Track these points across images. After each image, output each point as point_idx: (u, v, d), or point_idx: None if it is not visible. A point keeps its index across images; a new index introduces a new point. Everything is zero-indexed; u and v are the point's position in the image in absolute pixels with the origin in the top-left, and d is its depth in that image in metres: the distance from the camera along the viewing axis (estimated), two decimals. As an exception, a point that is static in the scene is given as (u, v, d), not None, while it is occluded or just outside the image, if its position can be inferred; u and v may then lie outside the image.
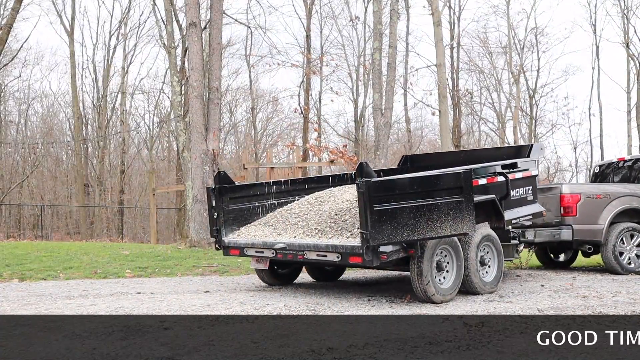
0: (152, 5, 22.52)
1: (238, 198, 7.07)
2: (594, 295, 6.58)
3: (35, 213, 26.58)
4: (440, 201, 5.57)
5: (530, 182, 7.99)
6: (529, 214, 8.01)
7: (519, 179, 7.65)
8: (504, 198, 7.20)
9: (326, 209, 6.68)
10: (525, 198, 7.90)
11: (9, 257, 10.20)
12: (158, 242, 17.91)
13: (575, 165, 31.21)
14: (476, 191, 6.48)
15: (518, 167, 7.72)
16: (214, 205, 6.89)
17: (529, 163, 8.12)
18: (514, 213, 7.59)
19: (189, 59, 12.52)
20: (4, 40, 15.43)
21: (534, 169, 8.27)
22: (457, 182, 5.72)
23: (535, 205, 8.12)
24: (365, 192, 5.23)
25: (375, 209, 5.23)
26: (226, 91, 28.55)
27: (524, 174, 7.81)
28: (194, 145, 12.04)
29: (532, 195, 8.06)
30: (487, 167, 7.30)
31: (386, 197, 5.32)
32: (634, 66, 27.86)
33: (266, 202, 7.33)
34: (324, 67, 26.80)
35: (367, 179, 5.28)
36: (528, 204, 7.97)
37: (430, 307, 5.67)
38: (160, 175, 27.70)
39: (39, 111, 31.94)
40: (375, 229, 5.23)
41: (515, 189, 7.61)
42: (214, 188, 6.92)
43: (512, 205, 7.51)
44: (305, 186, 7.83)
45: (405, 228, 5.39)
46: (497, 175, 7.27)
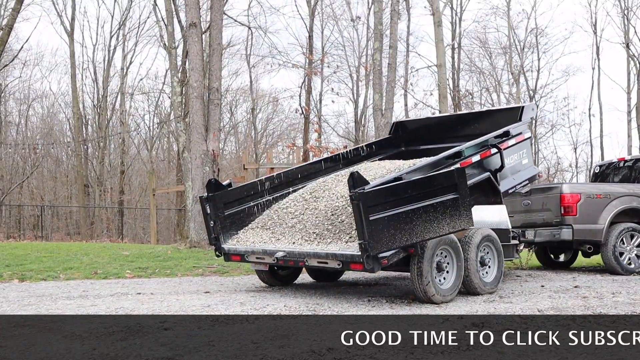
0: (153, 6, 22.50)
1: (232, 202, 6.91)
2: (594, 295, 6.57)
3: (35, 213, 26.58)
4: (435, 201, 5.54)
5: (524, 145, 7.82)
6: (525, 180, 7.87)
7: (512, 145, 7.48)
8: (499, 170, 7.07)
9: (322, 208, 6.61)
10: (520, 163, 7.75)
11: (9, 257, 10.21)
12: (158, 243, 17.91)
13: (576, 165, 31.21)
14: (470, 170, 6.46)
15: (511, 134, 7.50)
16: (208, 213, 6.75)
17: (521, 126, 7.90)
18: (510, 182, 7.47)
19: (189, 59, 12.52)
20: (4, 40, 15.44)
21: (527, 131, 8.09)
22: (451, 180, 5.67)
23: (530, 169, 7.95)
24: (359, 203, 5.18)
25: (371, 218, 5.19)
26: (226, 92, 28.57)
27: (517, 139, 7.60)
28: (194, 145, 12.04)
29: (527, 158, 7.89)
30: (479, 143, 7.11)
31: (381, 205, 5.26)
32: (634, 66, 27.88)
33: (261, 199, 7.18)
34: (325, 67, 26.83)
35: (360, 189, 5.21)
36: (523, 169, 7.82)
37: (431, 308, 5.67)
38: (160, 176, 27.70)
39: (39, 111, 32.00)
40: (373, 238, 5.22)
41: (510, 156, 7.44)
42: (206, 197, 6.77)
43: (507, 174, 7.37)
44: (299, 175, 7.63)
45: (403, 233, 5.39)
46: (491, 148, 7.09)
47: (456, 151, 6.70)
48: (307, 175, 7.69)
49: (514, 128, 7.68)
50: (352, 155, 8.44)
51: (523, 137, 7.80)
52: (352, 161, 8.30)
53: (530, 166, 8.03)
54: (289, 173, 7.59)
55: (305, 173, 7.73)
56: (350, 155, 8.41)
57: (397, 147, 9.10)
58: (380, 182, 5.63)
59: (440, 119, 9.78)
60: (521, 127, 7.89)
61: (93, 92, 29.73)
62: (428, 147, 8.69)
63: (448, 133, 8.70)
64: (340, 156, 8.26)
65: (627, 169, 10.35)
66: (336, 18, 28.58)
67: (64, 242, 18.85)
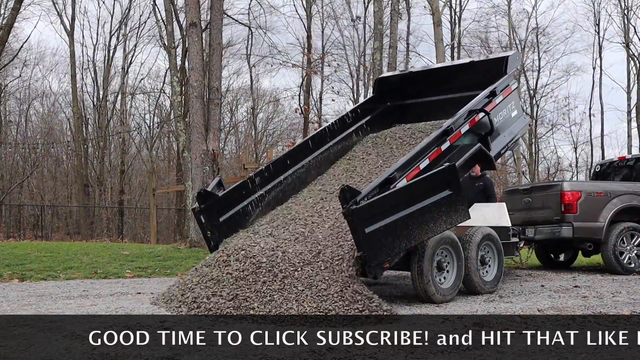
0: (152, 5, 22.55)
1: (226, 207, 6.61)
2: (594, 295, 6.57)
3: (35, 213, 26.57)
4: (430, 202, 5.51)
5: (512, 97, 7.58)
6: (516, 135, 7.70)
7: (500, 103, 7.24)
8: (489, 134, 6.91)
9: (328, 226, 6.25)
10: (509, 117, 7.53)
11: (9, 257, 10.20)
12: (158, 243, 17.89)
13: (576, 165, 31.17)
14: (460, 141, 6.44)
15: (497, 92, 7.25)
16: (203, 223, 6.47)
17: (507, 79, 7.62)
18: (502, 140, 7.31)
19: (189, 59, 12.51)
20: (4, 40, 15.44)
21: (514, 82, 7.81)
22: (443, 178, 5.63)
23: (520, 121, 7.73)
24: (353, 219, 5.14)
25: (368, 231, 5.16)
26: (227, 91, 28.59)
27: (504, 93, 7.37)
28: (194, 145, 12.03)
29: (516, 109, 7.64)
30: (466, 112, 6.81)
31: (376, 217, 5.21)
32: (634, 66, 27.86)
33: (254, 196, 6.88)
34: (325, 67, 26.82)
35: (352, 204, 5.13)
36: (513, 123, 7.61)
37: (431, 307, 5.66)
38: (160, 176, 27.66)
39: (39, 111, 31.98)
40: (371, 250, 5.21)
41: (498, 114, 7.24)
42: (199, 209, 6.42)
43: (498, 133, 7.19)
44: (287, 161, 7.30)
45: (401, 238, 5.38)
46: (478, 114, 6.86)
47: (444, 129, 6.46)
48: (295, 159, 7.37)
49: (500, 84, 7.37)
50: (338, 126, 8.04)
51: (510, 89, 7.50)
52: (339, 132, 7.95)
53: (520, 117, 7.76)
54: (277, 162, 7.29)
55: (294, 157, 7.39)
56: (336, 126, 8.01)
57: (382, 104, 8.74)
58: (372, 187, 5.49)
59: (424, 72, 9.30)
60: (507, 80, 7.59)
61: (93, 91, 29.76)
62: (414, 102, 8.49)
63: (433, 86, 8.45)
64: (327, 130, 7.87)
65: (627, 168, 10.36)
66: (336, 17, 28.60)
67: (64, 241, 18.84)
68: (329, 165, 7.73)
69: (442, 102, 8.29)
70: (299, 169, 7.41)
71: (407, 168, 5.89)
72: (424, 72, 9.29)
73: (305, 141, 7.79)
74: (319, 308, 4.84)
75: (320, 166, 7.68)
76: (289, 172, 7.27)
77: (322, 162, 7.71)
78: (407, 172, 5.84)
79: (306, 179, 7.48)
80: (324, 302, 4.91)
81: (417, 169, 5.94)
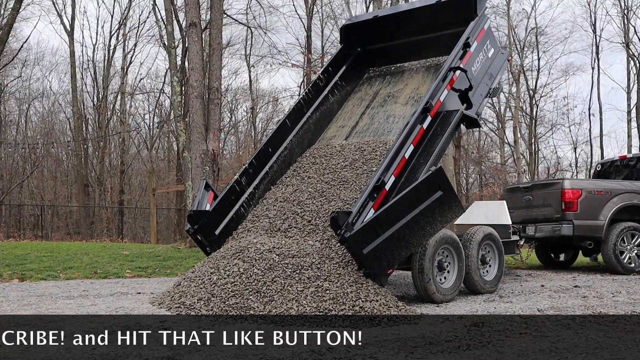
0: (152, 5, 22.56)
1: (219, 219, 6.54)
2: (594, 295, 6.57)
3: (35, 213, 26.58)
4: (423, 207, 5.46)
5: (486, 37, 7.16)
6: (496, 76, 7.34)
7: (474, 50, 6.89)
8: (469, 90, 6.58)
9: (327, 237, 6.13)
10: (487, 58, 7.18)
11: (9, 257, 10.20)
12: (158, 242, 17.90)
13: (575, 165, 31.17)
14: (442, 107, 6.26)
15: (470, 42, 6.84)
16: (200, 241, 6.40)
17: (480, 20, 7.20)
18: (484, 88, 7.01)
19: (189, 59, 12.51)
20: (4, 40, 15.43)
21: (486, 21, 7.37)
22: (432, 182, 5.56)
23: (498, 58, 7.34)
24: (349, 245, 5.17)
25: (366, 252, 5.17)
26: (226, 91, 28.59)
27: (477, 38, 6.98)
28: (194, 145, 12.03)
29: (492, 48, 7.27)
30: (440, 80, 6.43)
31: (371, 237, 5.19)
32: (634, 66, 27.86)
33: (244, 196, 6.79)
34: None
35: (346, 231, 5.12)
36: (491, 63, 7.26)
37: (431, 307, 5.67)
38: (160, 176, 27.67)
39: (39, 111, 31.98)
40: (373, 265, 5.24)
41: (475, 60, 6.91)
42: (193, 231, 6.34)
43: (478, 80, 6.88)
44: (269, 149, 7.11)
45: (400, 248, 5.40)
46: (455, 72, 6.48)
47: (424, 107, 6.17)
48: (276, 143, 7.20)
49: (473, 31, 6.97)
50: (313, 93, 7.74)
51: (484, 31, 7.11)
52: (315, 98, 7.71)
53: (497, 54, 7.38)
54: (259, 154, 7.08)
55: (274, 143, 7.21)
56: (310, 94, 7.70)
57: (353, 51, 8.40)
58: (362, 201, 5.39)
59: (390, 15, 8.77)
60: (479, 23, 7.16)
61: (93, 91, 29.75)
62: (385, 45, 8.27)
63: (401, 28, 8.16)
64: (302, 103, 7.57)
65: (628, 167, 10.37)
66: (335, 17, 28.58)
67: (64, 241, 18.84)
68: (312, 135, 7.49)
69: (413, 43, 8.07)
70: (282, 151, 7.24)
71: (391, 166, 5.76)
72: (390, 15, 8.80)
73: (283, 121, 7.46)
74: (319, 308, 4.84)
75: (302, 141, 7.46)
76: (273, 159, 7.11)
77: (303, 137, 7.48)
78: (394, 169, 5.73)
79: (291, 161, 7.31)
80: (324, 302, 4.91)
81: (404, 159, 5.84)
